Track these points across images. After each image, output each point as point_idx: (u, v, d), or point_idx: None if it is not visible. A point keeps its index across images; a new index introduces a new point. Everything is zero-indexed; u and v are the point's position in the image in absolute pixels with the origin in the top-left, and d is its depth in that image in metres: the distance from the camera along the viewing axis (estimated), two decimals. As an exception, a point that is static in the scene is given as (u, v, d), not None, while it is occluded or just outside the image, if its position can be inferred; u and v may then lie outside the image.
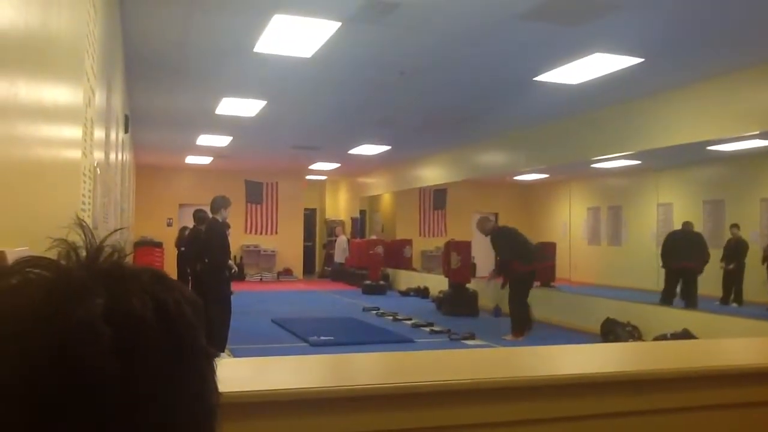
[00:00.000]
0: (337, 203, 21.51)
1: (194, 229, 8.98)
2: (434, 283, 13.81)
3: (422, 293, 14.39)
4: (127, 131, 7.79)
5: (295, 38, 6.23)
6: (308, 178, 19.72)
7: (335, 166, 16.97)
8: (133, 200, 13.93)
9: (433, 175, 15.14)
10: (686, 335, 7.78)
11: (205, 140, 12.85)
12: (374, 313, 11.49)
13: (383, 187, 18.07)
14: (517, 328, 8.99)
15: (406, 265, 16.65)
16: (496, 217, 13.98)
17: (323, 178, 20.51)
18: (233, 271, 7.97)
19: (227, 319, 7.19)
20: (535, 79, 7.59)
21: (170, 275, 0.53)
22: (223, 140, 12.81)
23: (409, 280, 15.72)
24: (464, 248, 12.18)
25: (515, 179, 15.02)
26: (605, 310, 9.36)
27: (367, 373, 1.96)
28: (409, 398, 1.66)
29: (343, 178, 20.57)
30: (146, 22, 6.04)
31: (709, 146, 8.67)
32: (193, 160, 16.17)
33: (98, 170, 3.56)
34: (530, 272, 9.31)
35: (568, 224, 15.55)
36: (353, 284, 16.60)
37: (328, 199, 21.45)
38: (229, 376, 1.40)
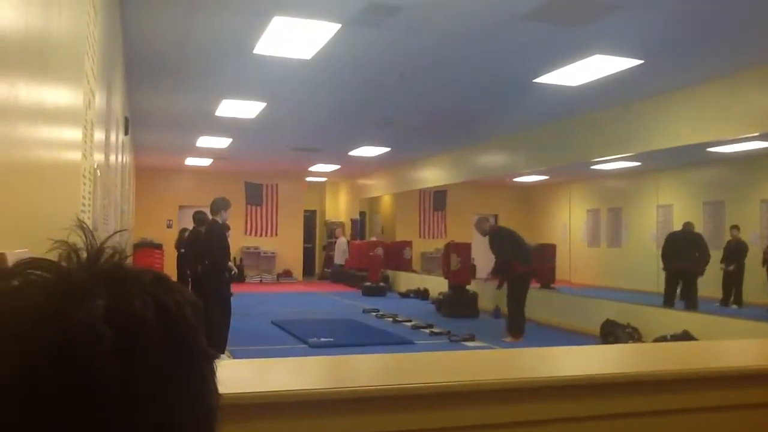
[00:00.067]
0: (337, 205, 21.51)
1: (194, 230, 8.98)
2: (434, 284, 13.81)
3: (422, 295, 14.38)
4: (127, 133, 7.79)
5: (295, 40, 6.23)
6: (308, 179, 19.72)
7: (335, 167, 16.97)
8: (133, 202, 13.93)
9: (433, 176, 15.14)
10: (686, 337, 7.79)
11: (205, 142, 12.85)
12: (374, 314, 11.49)
13: (383, 188, 18.07)
14: (516, 329, 8.98)
15: (406, 266, 16.65)
16: (495, 218, 13.98)
17: (323, 179, 20.52)
18: (233, 272, 7.97)
19: (227, 320, 7.19)
20: (535, 80, 7.59)
21: (170, 277, 0.53)
22: (223, 142, 12.81)
23: (409, 281, 15.71)
24: (464, 250, 12.17)
25: (515, 181, 15.02)
26: (605, 311, 9.36)
27: (366, 374, 1.96)
28: (409, 400, 1.66)
29: (343, 179, 20.57)
30: (146, 23, 6.04)
31: (709, 148, 8.67)
32: (193, 161, 16.17)
33: (98, 172, 3.56)
34: (529, 273, 9.31)
35: (568, 226, 15.54)
36: (353, 286, 16.60)
37: (328, 200, 21.45)
38: (229, 377, 1.40)
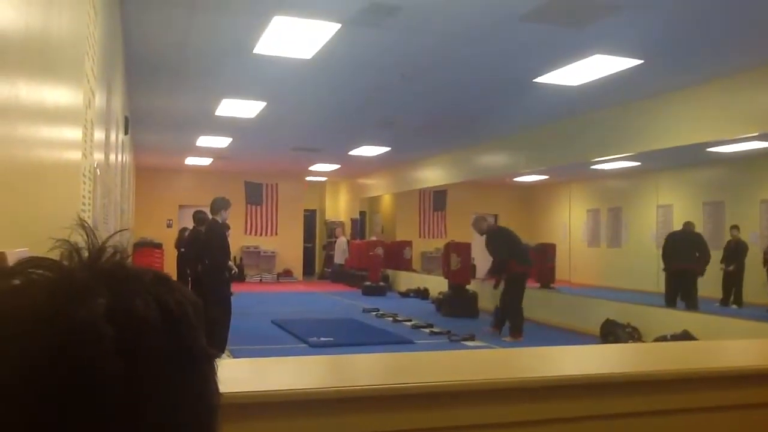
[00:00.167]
0: (337, 204, 21.50)
1: (194, 230, 8.97)
2: (434, 284, 13.81)
3: (422, 294, 14.38)
4: (127, 133, 7.78)
5: (295, 40, 6.23)
6: (308, 179, 19.72)
7: (335, 167, 16.96)
8: (133, 201, 13.93)
9: (433, 176, 15.14)
10: (686, 336, 7.79)
11: (205, 141, 12.84)
12: (374, 314, 11.49)
13: (383, 188, 18.07)
14: (515, 329, 8.99)
15: (406, 266, 16.65)
16: (495, 218, 13.98)
17: (323, 179, 20.52)
18: (233, 272, 7.97)
19: (227, 320, 7.19)
20: (535, 80, 7.59)
21: (171, 276, 0.53)
22: (223, 141, 12.81)
23: (409, 281, 15.71)
24: (464, 250, 12.17)
25: (515, 181, 15.02)
26: (605, 311, 9.36)
27: (366, 374, 1.96)
28: (408, 399, 1.66)
29: (343, 179, 20.57)
30: (146, 23, 6.04)
31: (708, 148, 8.68)
32: (193, 161, 16.17)
33: (98, 171, 3.56)
34: (526, 272, 9.31)
35: (568, 226, 15.54)
36: (353, 285, 16.60)
37: (328, 200, 21.45)
38: (229, 376, 1.40)
